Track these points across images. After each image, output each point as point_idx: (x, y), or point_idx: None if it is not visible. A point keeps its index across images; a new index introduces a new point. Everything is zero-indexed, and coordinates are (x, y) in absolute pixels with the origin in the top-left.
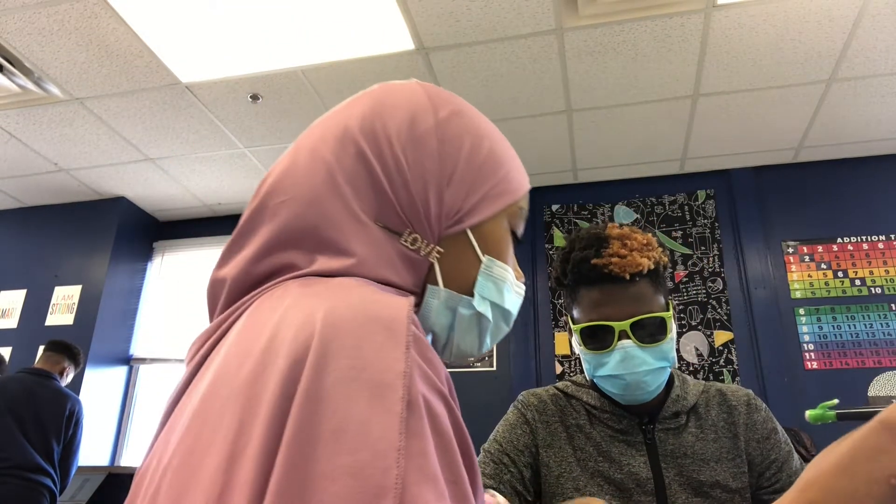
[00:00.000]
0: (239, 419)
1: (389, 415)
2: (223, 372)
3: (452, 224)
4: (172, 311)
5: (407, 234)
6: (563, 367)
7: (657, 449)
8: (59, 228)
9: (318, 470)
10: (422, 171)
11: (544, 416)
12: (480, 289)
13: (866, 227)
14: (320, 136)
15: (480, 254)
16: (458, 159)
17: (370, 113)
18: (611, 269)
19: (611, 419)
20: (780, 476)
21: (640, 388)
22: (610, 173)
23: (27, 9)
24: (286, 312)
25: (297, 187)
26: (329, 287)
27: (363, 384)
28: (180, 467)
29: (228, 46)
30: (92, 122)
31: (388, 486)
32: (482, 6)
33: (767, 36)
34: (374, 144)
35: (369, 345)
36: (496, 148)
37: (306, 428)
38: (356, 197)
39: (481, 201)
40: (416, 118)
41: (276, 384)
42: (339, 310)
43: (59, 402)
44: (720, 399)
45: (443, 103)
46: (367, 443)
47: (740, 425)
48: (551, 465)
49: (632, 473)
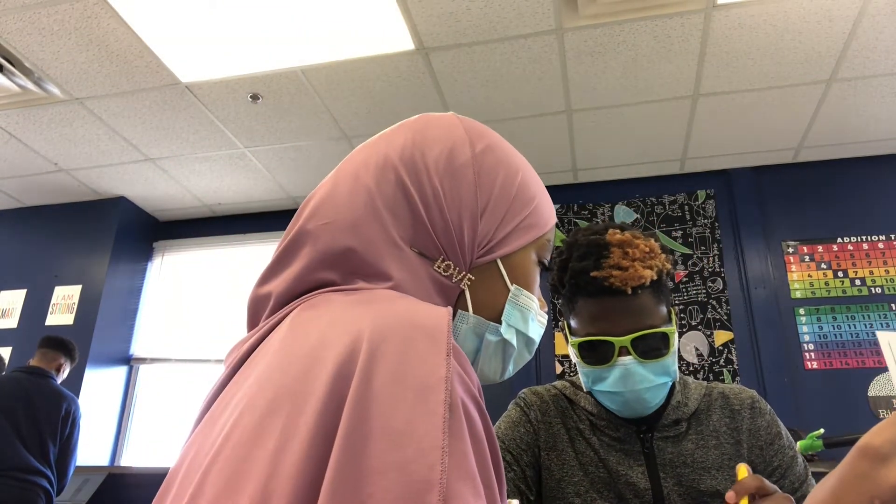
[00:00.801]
0: (287, 414)
1: (433, 416)
2: (271, 371)
3: (484, 253)
4: (172, 311)
5: (441, 261)
6: (563, 367)
7: (655, 458)
8: (59, 228)
9: (368, 465)
10: (458, 201)
11: (547, 418)
12: (508, 317)
13: (866, 227)
14: (362, 163)
15: (509, 283)
16: (493, 191)
17: (410, 144)
18: (611, 283)
19: (608, 427)
20: (783, 483)
21: (640, 404)
22: (610, 173)
23: (27, 9)
24: (334, 318)
25: (339, 211)
26: (373, 297)
27: (408, 387)
28: (231, 457)
29: (228, 46)
30: (92, 122)
31: (433, 481)
32: (482, 6)
33: (767, 36)
34: (413, 174)
35: (413, 351)
36: (528, 181)
37: (357, 426)
38: (394, 223)
39: (513, 233)
40: (454, 151)
41: (325, 384)
42: (386, 318)
43: (55, 403)
44: (722, 402)
45: (479, 137)
46: (413, 441)
47: (743, 431)
48: (553, 469)
49: (630, 483)
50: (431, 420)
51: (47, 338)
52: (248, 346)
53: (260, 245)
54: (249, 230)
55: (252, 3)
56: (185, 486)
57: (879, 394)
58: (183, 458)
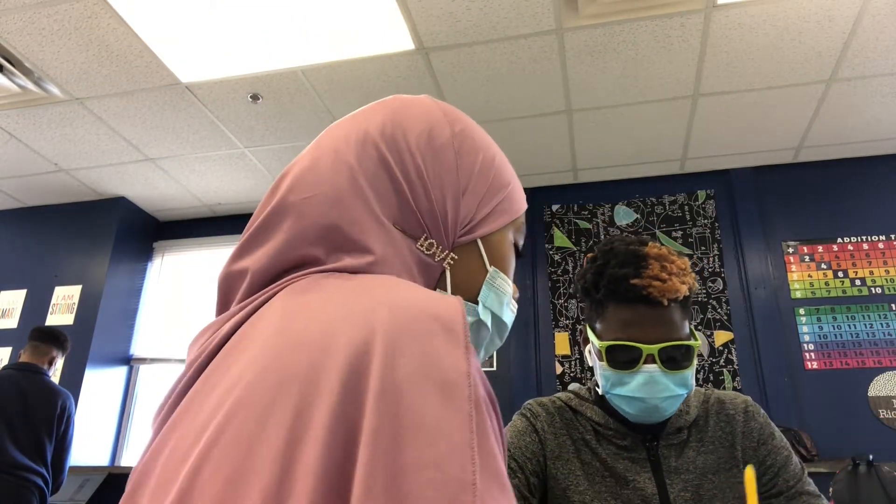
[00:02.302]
0: (295, 407)
1: (460, 413)
2: (269, 361)
3: (465, 233)
4: (172, 311)
5: (423, 240)
6: (563, 367)
7: (661, 465)
8: (59, 228)
9: (404, 461)
10: (440, 180)
11: (553, 428)
12: (484, 298)
13: (866, 227)
14: (342, 138)
15: (488, 264)
16: (473, 172)
17: (389, 122)
18: (649, 292)
19: (615, 436)
20: (776, 481)
21: (657, 412)
22: (610, 173)
23: (27, 9)
24: (339, 305)
25: (321, 185)
26: (377, 283)
27: (433, 382)
28: (229, 454)
29: (228, 46)
30: (92, 122)
31: (468, 480)
32: (482, 6)
33: (767, 36)
34: (395, 151)
35: (434, 344)
36: (504, 165)
37: (386, 421)
38: (377, 199)
39: (492, 213)
40: (434, 131)
41: (338, 377)
42: (398, 306)
43: (50, 400)
44: (719, 408)
45: (456, 119)
46: (444, 438)
47: (737, 434)
48: (559, 478)
49: (638, 490)
50: (459, 417)
51: (38, 330)
52: (226, 329)
53: None
54: None
55: (252, 3)
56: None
57: (879, 394)
58: (156, 454)
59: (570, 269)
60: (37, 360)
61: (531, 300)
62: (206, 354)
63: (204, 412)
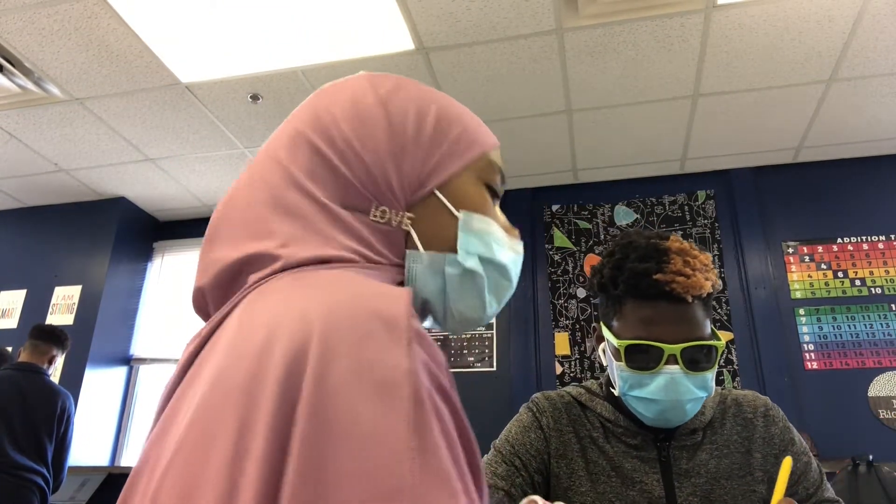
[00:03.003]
0: (240, 419)
1: (398, 414)
2: (220, 372)
3: (417, 188)
4: (172, 311)
5: (375, 209)
6: (563, 367)
7: (671, 467)
8: (59, 228)
9: (332, 471)
10: (373, 144)
11: (559, 425)
12: (463, 243)
13: (866, 227)
14: (274, 145)
15: (454, 210)
16: (406, 127)
17: (314, 106)
18: (673, 288)
19: (625, 434)
20: (796, 488)
21: (676, 414)
22: (610, 173)
23: (27, 9)
24: (279, 309)
25: (257, 192)
26: (320, 281)
27: (369, 384)
28: (185, 466)
29: (228, 46)
30: (92, 122)
31: (404, 486)
32: (482, 6)
33: (767, 36)
34: (322, 133)
35: (371, 343)
36: (445, 109)
37: (315, 430)
38: (318, 187)
39: (441, 161)
40: (356, 97)
41: (275, 383)
42: (336, 306)
43: (51, 400)
44: (736, 410)
45: (383, 81)
46: (378, 443)
47: (756, 440)
48: (561, 477)
49: (644, 491)
50: (396, 419)
51: (38, 329)
52: (199, 340)
53: None
54: None
55: (252, 3)
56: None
57: (879, 394)
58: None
59: (569, 269)
60: (36, 360)
61: (531, 300)
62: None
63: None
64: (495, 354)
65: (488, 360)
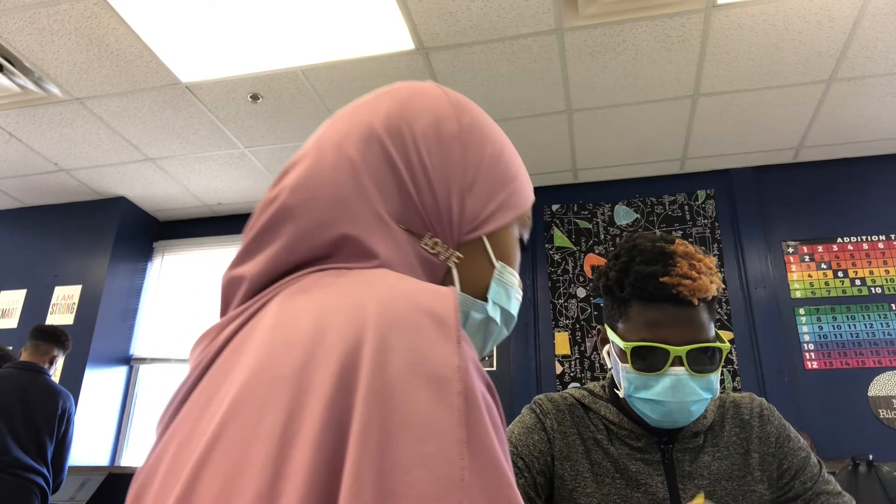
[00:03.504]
0: (288, 408)
1: (450, 408)
2: (263, 360)
3: (471, 230)
4: (172, 311)
5: (428, 238)
6: (563, 367)
7: (675, 469)
8: (59, 228)
9: (391, 459)
10: (446, 175)
11: (562, 427)
12: (493, 294)
13: (866, 227)
14: (345, 133)
15: (494, 260)
16: (480, 166)
17: (395, 113)
18: (679, 291)
19: (629, 436)
20: (793, 484)
21: (681, 415)
22: (610, 173)
23: (27, 9)
24: (330, 302)
25: (322, 186)
26: (367, 277)
27: (423, 378)
28: (227, 455)
29: (228, 46)
30: (92, 122)
31: (456, 477)
32: (482, 6)
33: (767, 36)
34: (399, 146)
35: (424, 339)
36: (512, 158)
37: (375, 420)
38: (381, 198)
39: (499, 209)
40: (440, 123)
41: (331, 375)
42: (388, 301)
43: (52, 400)
44: (734, 412)
45: (464, 110)
46: (433, 435)
47: (753, 440)
48: (566, 479)
49: (649, 493)
50: (449, 413)
51: (39, 329)
52: (226, 333)
53: None
54: None
55: (252, 3)
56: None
57: (879, 394)
58: (159, 458)
59: (569, 268)
60: (37, 359)
61: (531, 300)
62: (208, 358)
63: (205, 415)
64: (495, 354)
65: (488, 359)
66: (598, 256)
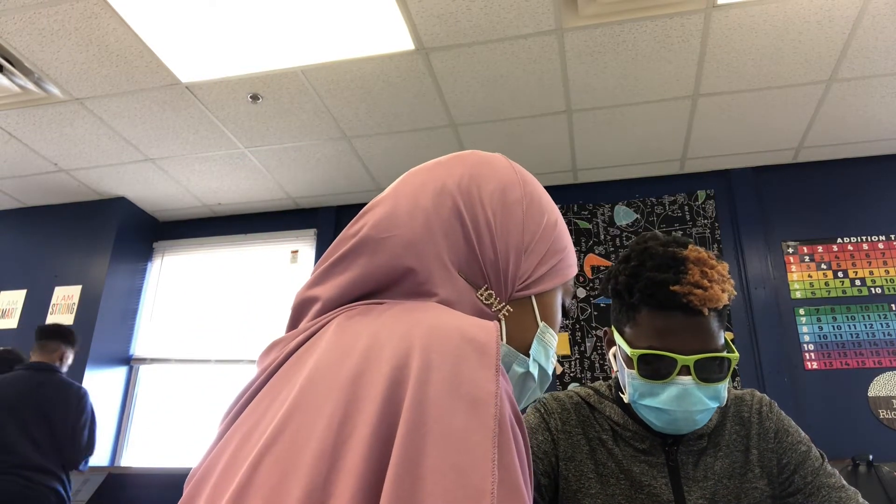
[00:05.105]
0: (342, 412)
1: (484, 428)
2: (321, 370)
3: (522, 288)
4: (172, 311)
5: (484, 289)
6: (563, 367)
7: (679, 472)
8: (59, 228)
9: (427, 465)
10: (507, 235)
11: (567, 427)
12: (535, 352)
13: (866, 227)
14: (420, 186)
15: (539, 319)
16: (537, 232)
17: (468, 176)
18: (689, 300)
19: (634, 438)
20: (793, 478)
21: (687, 424)
22: (610, 173)
23: (27, 9)
24: (384, 324)
25: (399, 228)
26: (421, 307)
27: (461, 398)
28: (286, 452)
29: (228, 46)
30: (92, 122)
31: (486, 489)
32: (482, 6)
33: (767, 36)
34: (468, 204)
35: (465, 363)
36: (563, 231)
37: (414, 430)
38: (447, 247)
39: (549, 273)
40: (507, 188)
41: (382, 385)
42: (435, 328)
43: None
44: (735, 411)
45: (528, 181)
46: (467, 449)
47: (752, 437)
48: (570, 479)
49: (653, 495)
50: (483, 432)
51: (43, 329)
52: (292, 345)
53: (260, 245)
54: (249, 230)
55: (252, 3)
56: (228, 477)
57: (879, 394)
58: (221, 452)
59: None
60: (47, 358)
61: None
62: (276, 364)
63: (267, 414)
64: None
65: None
66: (598, 257)
